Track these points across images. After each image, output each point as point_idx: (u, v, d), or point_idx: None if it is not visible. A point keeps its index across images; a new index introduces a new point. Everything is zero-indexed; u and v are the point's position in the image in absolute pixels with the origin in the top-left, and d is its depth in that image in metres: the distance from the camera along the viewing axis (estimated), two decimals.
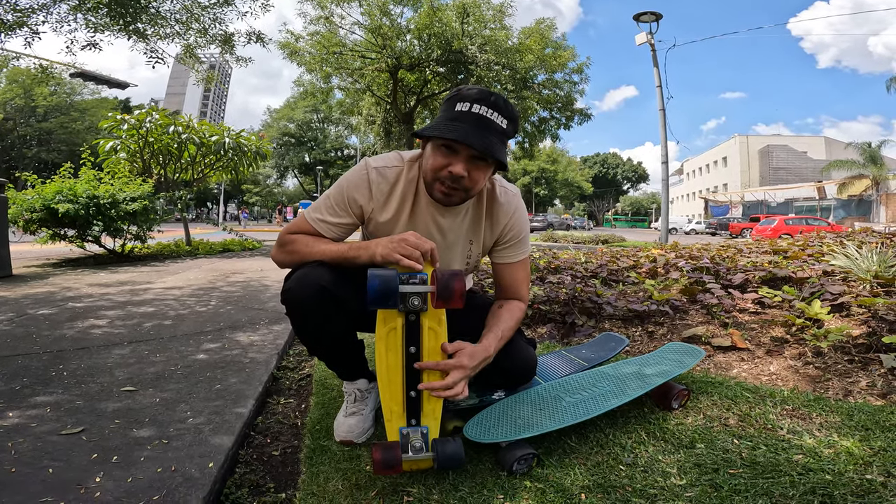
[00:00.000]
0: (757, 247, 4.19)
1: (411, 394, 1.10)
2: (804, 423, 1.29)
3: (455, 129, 1.07)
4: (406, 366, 1.10)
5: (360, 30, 14.50)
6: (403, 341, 1.09)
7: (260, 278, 4.41)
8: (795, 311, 2.02)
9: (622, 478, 1.08)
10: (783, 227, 18.50)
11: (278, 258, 1.25)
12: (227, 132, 7.92)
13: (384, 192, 1.21)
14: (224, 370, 1.79)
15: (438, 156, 1.11)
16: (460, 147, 1.08)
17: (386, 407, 1.10)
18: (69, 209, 4.97)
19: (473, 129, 1.07)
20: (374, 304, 1.03)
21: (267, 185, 47.13)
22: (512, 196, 1.30)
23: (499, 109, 1.09)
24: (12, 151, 31.22)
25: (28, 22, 6.19)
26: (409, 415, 1.11)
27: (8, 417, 1.34)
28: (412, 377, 1.09)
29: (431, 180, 1.15)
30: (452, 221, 1.25)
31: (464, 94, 1.11)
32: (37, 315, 2.66)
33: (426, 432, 1.10)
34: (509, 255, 1.32)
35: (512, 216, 1.29)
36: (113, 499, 0.97)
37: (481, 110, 1.08)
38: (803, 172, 39.07)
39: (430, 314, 1.09)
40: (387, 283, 1.03)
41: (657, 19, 11.75)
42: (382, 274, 1.03)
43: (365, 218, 1.24)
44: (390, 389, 1.09)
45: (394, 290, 1.03)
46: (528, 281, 1.39)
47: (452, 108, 1.11)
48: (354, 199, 1.21)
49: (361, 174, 1.21)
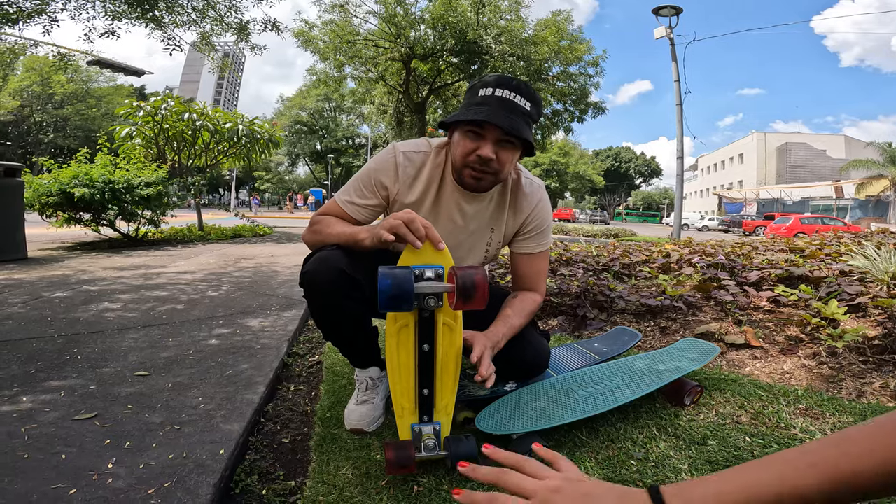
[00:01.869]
0: (773, 245, 4.12)
1: (424, 392, 1.08)
2: (817, 422, 1.28)
3: (480, 111, 1.09)
4: (419, 364, 1.07)
5: (375, 18, 14.42)
6: (416, 339, 1.06)
7: (270, 264, 4.43)
8: (812, 310, 1.99)
9: (633, 472, 1.07)
10: (798, 226, 18.18)
11: (306, 238, 1.26)
12: (241, 119, 7.95)
13: (410, 176, 1.24)
14: (235, 356, 1.80)
15: (466, 141, 1.13)
16: (487, 130, 1.11)
17: (397, 403, 1.09)
18: (85, 193, 5.03)
19: (498, 111, 1.08)
20: (387, 308, 0.93)
21: (278, 173, 47.39)
22: (537, 187, 1.32)
23: (521, 92, 1.11)
24: (29, 137, 31.64)
25: (46, 9, 6.23)
26: (421, 412, 1.09)
27: (22, 402, 1.35)
28: (425, 375, 1.07)
29: (461, 166, 1.16)
30: (476, 208, 1.27)
31: (486, 80, 1.12)
32: (51, 298, 2.70)
33: (438, 429, 1.09)
34: (530, 246, 1.32)
35: (535, 206, 1.30)
36: (125, 485, 0.98)
37: (504, 93, 1.10)
38: (821, 171, 38.35)
39: (445, 309, 1.05)
40: (400, 283, 0.92)
41: (677, 13, 11.54)
42: (395, 273, 0.93)
43: (390, 200, 1.26)
44: (402, 386, 1.08)
45: (408, 293, 0.93)
46: (546, 274, 1.38)
47: (476, 94, 1.13)
48: (381, 180, 1.23)
49: (389, 157, 1.24)
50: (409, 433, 1.09)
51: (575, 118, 16.07)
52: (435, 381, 1.08)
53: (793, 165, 40.47)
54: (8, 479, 0.97)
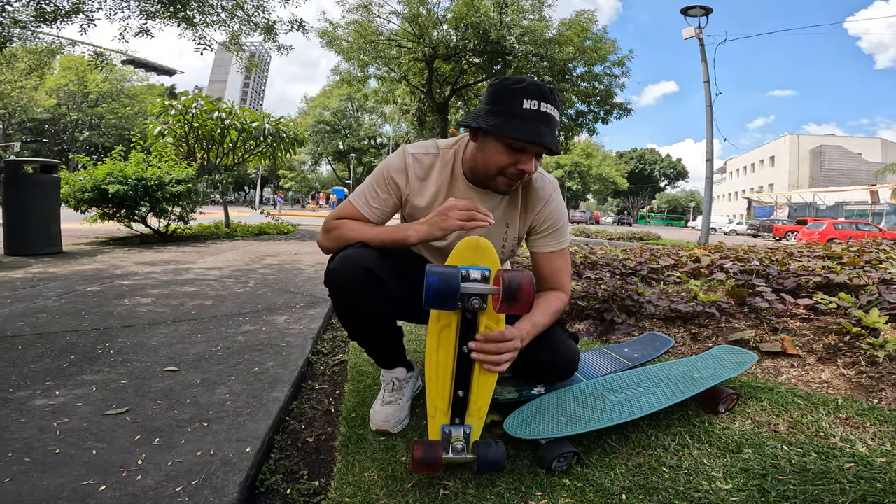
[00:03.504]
0: (808, 251, 3.98)
1: (459, 393, 1.07)
2: (857, 431, 1.24)
3: (530, 129, 1.08)
4: (457, 365, 1.06)
5: (398, 18, 14.50)
6: (457, 340, 1.05)
7: (294, 262, 4.48)
8: (851, 318, 1.92)
9: (665, 480, 1.05)
10: (832, 232, 17.55)
11: (323, 243, 1.26)
12: (267, 118, 8.07)
13: (420, 177, 1.25)
14: (262, 353, 1.81)
15: (505, 153, 1.12)
16: (531, 145, 1.10)
17: (430, 403, 1.07)
18: (119, 190, 5.17)
19: (545, 129, 1.08)
20: (431, 305, 0.95)
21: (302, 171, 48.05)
22: (548, 183, 1.30)
23: (556, 104, 1.11)
24: (65, 135, 32.78)
25: (84, 8, 6.44)
26: (453, 413, 1.08)
27: (55, 396, 1.37)
28: (462, 376, 1.06)
29: (495, 174, 1.16)
30: (490, 205, 1.26)
31: (528, 90, 1.08)
32: (85, 292, 2.77)
33: (469, 432, 1.07)
34: (547, 244, 1.31)
35: (546, 203, 1.28)
36: (154, 482, 0.98)
37: (548, 108, 1.09)
38: (856, 175, 36.96)
39: (489, 312, 1.04)
40: (447, 281, 0.94)
41: (706, 14, 11.26)
42: (443, 271, 0.95)
43: (402, 200, 1.26)
44: (437, 387, 1.06)
45: (454, 290, 0.95)
46: (569, 272, 1.36)
47: (518, 104, 1.07)
48: (393, 178, 1.24)
49: (399, 158, 1.26)
50: (438, 433, 1.07)
51: (599, 119, 15.86)
52: (471, 383, 1.07)
53: (827, 169, 39.11)
54: (38, 475, 0.98)
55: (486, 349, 1.02)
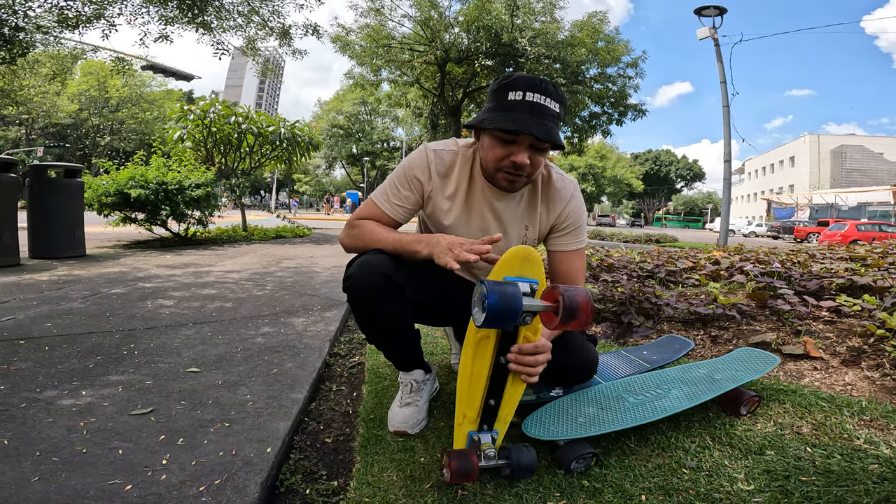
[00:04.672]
0: (831, 253, 3.90)
1: (490, 402, 1.06)
2: (882, 433, 1.23)
3: (513, 118, 1.09)
4: (492, 375, 1.05)
5: (409, 22, 14.55)
6: (495, 351, 1.04)
7: (311, 265, 4.53)
8: (876, 321, 1.88)
9: (685, 481, 1.04)
10: (854, 233, 17.14)
11: (345, 242, 1.28)
12: (283, 123, 8.17)
13: (441, 173, 1.26)
14: (280, 354, 1.84)
15: (498, 146, 1.14)
16: (520, 136, 1.10)
17: (460, 412, 1.07)
18: (141, 194, 5.28)
19: (531, 118, 1.08)
20: (492, 325, 0.89)
21: (316, 175, 48.48)
22: (569, 183, 1.31)
23: (549, 94, 1.10)
24: (87, 140, 33.55)
25: (105, 14, 6.59)
26: (482, 420, 1.07)
27: (82, 396, 1.40)
28: (495, 385, 1.06)
29: (494, 170, 1.17)
30: (507, 205, 1.27)
31: (514, 82, 1.11)
32: (110, 294, 2.84)
33: (496, 437, 1.08)
34: (566, 242, 1.31)
35: (568, 202, 1.29)
36: (178, 482, 1.00)
37: (535, 98, 1.09)
38: (878, 175, 36.06)
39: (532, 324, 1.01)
40: (508, 302, 0.87)
41: (721, 14, 11.12)
42: (503, 290, 0.87)
43: (425, 197, 1.27)
44: (469, 396, 1.06)
45: (516, 311, 0.88)
46: (585, 272, 1.36)
47: (504, 97, 1.11)
48: (415, 176, 1.25)
49: (421, 155, 1.27)
50: (464, 441, 1.07)
51: (613, 121, 15.72)
52: (504, 392, 1.06)
53: (848, 169, 38.21)
54: (66, 475, 1.01)
55: (524, 361, 1.01)
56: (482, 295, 0.88)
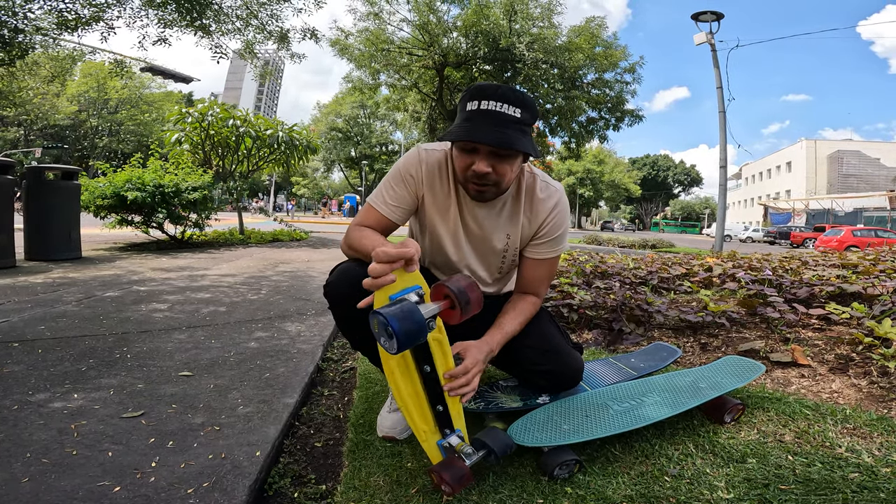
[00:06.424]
0: (824, 259, 3.92)
1: (438, 408, 1.07)
2: (864, 441, 1.23)
3: (466, 129, 1.10)
4: (425, 385, 1.06)
5: (408, 26, 14.63)
6: (415, 363, 1.05)
7: (307, 269, 4.54)
8: (864, 329, 1.90)
9: (666, 489, 1.05)
10: (850, 239, 17.25)
11: (343, 249, 1.29)
12: (281, 126, 8.19)
13: (433, 173, 1.28)
14: (273, 359, 1.85)
15: (461, 157, 1.15)
16: (479, 145, 1.11)
17: (418, 430, 1.07)
18: (137, 196, 5.29)
19: (486, 126, 1.08)
20: (407, 346, 0.88)
21: (314, 178, 48.52)
22: (553, 191, 1.30)
23: (507, 100, 1.09)
24: (85, 141, 33.52)
25: (104, 17, 6.62)
26: (441, 427, 1.08)
27: (73, 399, 1.41)
28: (434, 393, 1.06)
29: (463, 181, 1.19)
30: (489, 213, 1.28)
31: (473, 92, 1.12)
32: (104, 297, 2.85)
33: (461, 434, 1.09)
34: (541, 251, 1.32)
35: (552, 211, 1.29)
36: (167, 484, 1.02)
37: (489, 105, 1.09)
38: (875, 180, 36.24)
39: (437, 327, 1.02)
40: (408, 318, 0.86)
41: (717, 19, 11.21)
42: (401, 310, 0.86)
43: (418, 196, 1.29)
44: (418, 413, 1.06)
45: (422, 323, 0.88)
46: (552, 278, 1.38)
47: (464, 108, 1.13)
48: (409, 173, 1.27)
49: (413, 153, 1.29)
50: (438, 452, 1.08)
51: (611, 126, 15.79)
52: (445, 398, 1.07)
53: (845, 174, 38.40)
54: (56, 476, 1.02)
55: (459, 384, 1.04)
56: (382, 324, 0.86)
